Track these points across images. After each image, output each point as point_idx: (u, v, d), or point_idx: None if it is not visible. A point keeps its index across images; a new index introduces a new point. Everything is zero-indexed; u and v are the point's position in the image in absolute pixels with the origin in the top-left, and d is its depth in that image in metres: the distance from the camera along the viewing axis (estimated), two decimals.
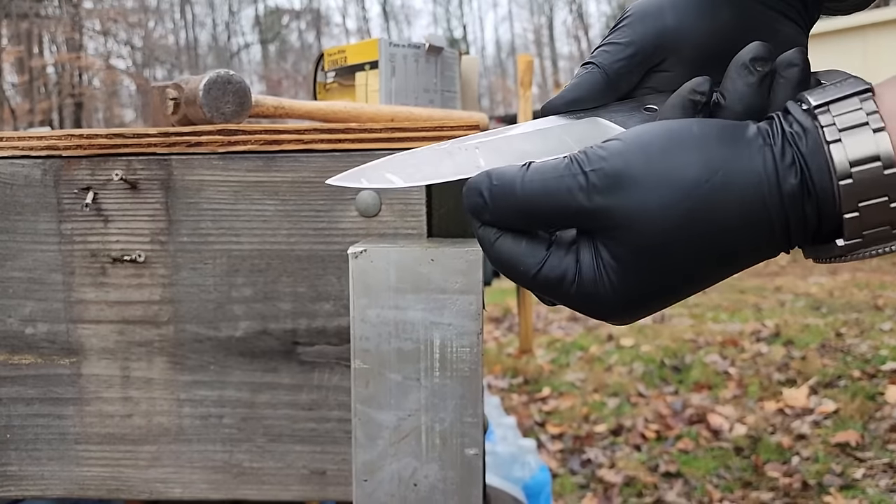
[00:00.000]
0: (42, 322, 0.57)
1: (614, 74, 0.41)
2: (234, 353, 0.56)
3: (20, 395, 0.58)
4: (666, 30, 0.41)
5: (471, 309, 0.47)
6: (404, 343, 0.47)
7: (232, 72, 0.59)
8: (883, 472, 2.04)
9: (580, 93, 0.41)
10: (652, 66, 0.42)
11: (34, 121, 18.03)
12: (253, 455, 0.57)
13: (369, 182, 0.38)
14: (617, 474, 2.12)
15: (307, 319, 0.56)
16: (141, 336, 0.57)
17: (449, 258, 0.46)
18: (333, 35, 28.65)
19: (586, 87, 0.41)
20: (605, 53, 0.42)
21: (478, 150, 0.37)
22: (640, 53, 0.41)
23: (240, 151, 0.55)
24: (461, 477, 0.48)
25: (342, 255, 0.55)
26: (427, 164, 0.37)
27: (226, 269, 0.56)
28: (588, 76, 0.41)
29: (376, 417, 0.48)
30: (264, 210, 0.55)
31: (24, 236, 0.56)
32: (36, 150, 0.56)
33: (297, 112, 0.66)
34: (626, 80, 0.42)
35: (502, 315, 4.25)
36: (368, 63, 0.82)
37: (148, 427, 0.57)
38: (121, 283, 0.56)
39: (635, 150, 0.32)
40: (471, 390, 0.47)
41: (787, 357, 3.06)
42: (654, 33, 0.41)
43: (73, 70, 20.30)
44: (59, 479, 0.58)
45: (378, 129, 0.54)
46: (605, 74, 0.41)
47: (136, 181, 0.55)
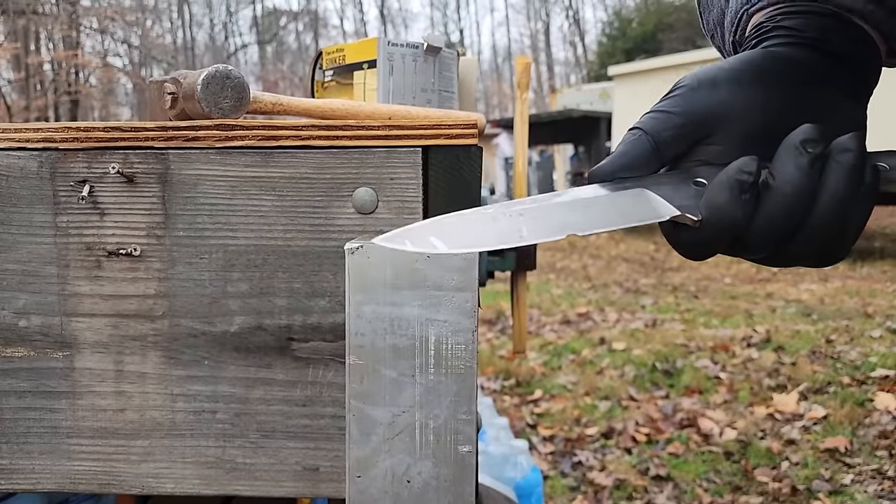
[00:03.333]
0: (36, 315, 0.57)
1: (662, 143, 0.41)
2: (229, 349, 0.56)
3: (12, 388, 0.57)
4: (719, 103, 0.41)
5: (466, 306, 0.47)
6: (399, 339, 0.47)
7: (230, 67, 0.59)
8: (871, 477, 2.05)
9: (627, 160, 0.41)
10: (700, 138, 0.41)
11: (30, 118, 17.95)
12: (246, 451, 0.57)
13: (413, 245, 0.37)
14: (607, 477, 2.13)
15: (302, 315, 0.56)
16: (135, 330, 0.57)
17: (445, 255, 0.46)
18: (331, 37, 28.61)
19: (633, 155, 0.41)
20: (654, 120, 0.41)
21: (522, 218, 0.36)
22: (690, 124, 0.41)
23: (237, 147, 0.55)
24: (454, 474, 0.48)
25: (338, 252, 0.55)
26: (472, 230, 0.36)
27: (222, 264, 0.56)
28: (636, 143, 0.41)
29: (370, 413, 0.48)
30: (261, 205, 0.55)
31: (19, 228, 0.56)
32: (32, 142, 0.55)
33: (295, 109, 0.66)
34: (674, 150, 0.41)
35: (495, 317, 4.26)
36: (367, 62, 0.82)
37: (141, 422, 0.57)
38: (116, 276, 0.56)
39: None
40: (465, 387, 0.47)
41: (777, 363, 3.07)
42: (705, 105, 0.41)
43: (69, 67, 20.23)
44: (50, 473, 0.58)
45: (376, 127, 0.54)
46: (653, 142, 0.41)
47: (133, 175, 0.55)
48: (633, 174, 0.41)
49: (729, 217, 0.37)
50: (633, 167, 0.41)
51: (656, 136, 0.41)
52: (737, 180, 0.36)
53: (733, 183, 0.36)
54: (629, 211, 0.39)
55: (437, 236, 0.37)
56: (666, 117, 0.41)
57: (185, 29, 26.84)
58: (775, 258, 0.40)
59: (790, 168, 0.36)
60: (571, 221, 0.38)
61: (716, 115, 0.41)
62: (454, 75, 0.87)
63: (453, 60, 0.87)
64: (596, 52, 30.11)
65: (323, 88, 0.88)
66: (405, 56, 0.82)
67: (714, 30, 0.53)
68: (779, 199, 0.36)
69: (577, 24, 32.24)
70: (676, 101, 0.41)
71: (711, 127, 0.41)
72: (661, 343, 3.42)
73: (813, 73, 0.41)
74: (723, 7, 0.50)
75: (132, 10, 22.47)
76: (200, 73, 0.58)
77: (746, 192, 0.36)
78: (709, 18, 0.53)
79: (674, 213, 0.39)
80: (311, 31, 29.48)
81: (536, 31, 32.64)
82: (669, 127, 0.41)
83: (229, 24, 28.88)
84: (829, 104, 0.41)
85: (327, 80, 0.88)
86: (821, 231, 0.37)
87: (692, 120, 0.41)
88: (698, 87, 0.41)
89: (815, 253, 0.39)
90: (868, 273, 5.24)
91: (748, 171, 0.36)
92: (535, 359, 3.35)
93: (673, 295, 4.72)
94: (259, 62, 29.29)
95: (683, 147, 0.41)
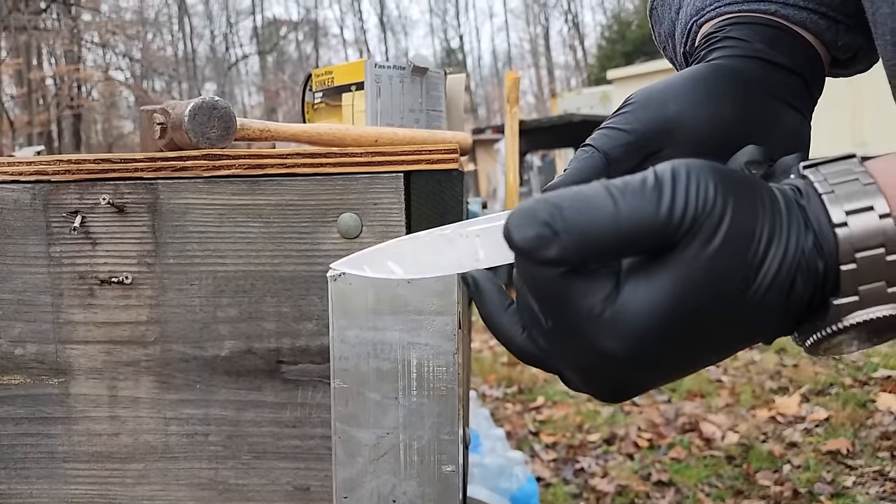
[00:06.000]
0: (31, 343, 0.58)
1: (613, 160, 0.42)
2: (220, 372, 0.58)
3: (9, 415, 0.59)
4: (667, 119, 0.42)
5: (447, 329, 0.48)
6: (382, 363, 0.49)
7: (217, 98, 0.60)
8: (873, 479, 2.05)
9: (579, 177, 0.42)
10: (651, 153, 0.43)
11: (33, 133, 18.04)
12: (238, 472, 0.58)
13: (371, 270, 0.38)
14: (609, 483, 2.13)
15: (290, 339, 0.57)
16: (128, 356, 0.58)
17: (425, 280, 0.48)
18: (331, 46, 28.72)
19: (586, 171, 0.42)
20: (605, 137, 0.43)
21: (478, 239, 0.37)
22: (640, 140, 0.42)
23: (225, 175, 0.56)
24: (439, 493, 0.49)
25: (325, 276, 0.56)
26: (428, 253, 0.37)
27: (211, 290, 0.57)
28: (588, 160, 0.42)
29: (356, 435, 0.49)
30: (249, 232, 0.57)
31: (13, 259, 0.58)
32: (25, 174, 0.57)
33: (282, 135, 0.68)
34: (625, 165, 0.42)
35: None
36: (355, 84, 0.84)
37: (135, 445, 0.58)
38: (108, 304, 0.58)
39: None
40: (447, 408, 0.49)
41: (779, 365, 3.07)
42: (654, 121, 0.42)
43: (71, 82, 20.34)
44: (47, 497, 0.59)
45: (359, 154, 0.56)
46: (605, 159, 0.42)
47: (124, 205, 0.57)
48: None
49: None
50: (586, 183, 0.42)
51: (608, 152, 0.42)
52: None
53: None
54: None
55: (394, 261, 0.38)
56: (616, 134, 0.42)
57: (185, 41, 26.98)
58: None
59: None
60: None
61: (665, 129, 0.42)
62: (441, 94, 0.89)
63: (440, 79, 0.89)
64: (595, 55, 30.18)
65: (313, 110, 0.90)
66: (392, 77, 0.84)
67: (665, 42, 0.54)
68: None
69: (576, 28, 32.31)
70: (626, 118, 0.43)
71: (661, 141, 0.42)
72: None
73: (759, 85, 0.43)
74: (673, 19, 0.52)
75: (133, 24, 22.61)
76: (188, 104, 0.59)
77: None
78: (660, 31, 0.54)
79: None
80: (312, 40, 29.61)
81: (536, 35, 32.73)
82: (620, 144, 0.42)
83: (230, 35, 29.02)
84: (774, 115, 0.43)
85: (317, 101, 0.89)
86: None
87: (642, 136, 0.42)
88: (647, 103, 0.43)
89: None
90: None
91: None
92: None
93: None
94: (260, 72, 29.41)
95: (634, 162, 0.43)
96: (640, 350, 0.29)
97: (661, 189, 0.28)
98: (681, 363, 0.31)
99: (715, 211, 0.28)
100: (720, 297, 0.29)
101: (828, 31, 0.45)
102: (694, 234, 0.28)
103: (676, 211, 0.28)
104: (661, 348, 0.30)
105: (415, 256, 0.37)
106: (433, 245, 0.37)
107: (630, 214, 0.28)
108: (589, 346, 0.30)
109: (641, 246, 0.29)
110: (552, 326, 0.32)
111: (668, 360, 0.30)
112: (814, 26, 0.44)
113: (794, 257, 0.29)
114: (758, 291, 0.29)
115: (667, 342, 0.29)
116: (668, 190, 0.28)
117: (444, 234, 0.38)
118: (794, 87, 0.44)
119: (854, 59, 0.47)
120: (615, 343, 0.29)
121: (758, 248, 0.28)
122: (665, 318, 0.29)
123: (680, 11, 0.50)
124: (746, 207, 0.29)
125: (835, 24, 0.44)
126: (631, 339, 0.29)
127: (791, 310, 0.30)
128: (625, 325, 0.29)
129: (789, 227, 0.29)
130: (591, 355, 0.30)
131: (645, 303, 0.29)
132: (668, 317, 0.29)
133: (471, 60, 33.34)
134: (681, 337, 0.29)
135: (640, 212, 0.28)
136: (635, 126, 0.42)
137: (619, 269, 0.30)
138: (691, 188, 0.28)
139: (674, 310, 0.29)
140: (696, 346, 0.30)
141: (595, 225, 0.28)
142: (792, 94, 0.43)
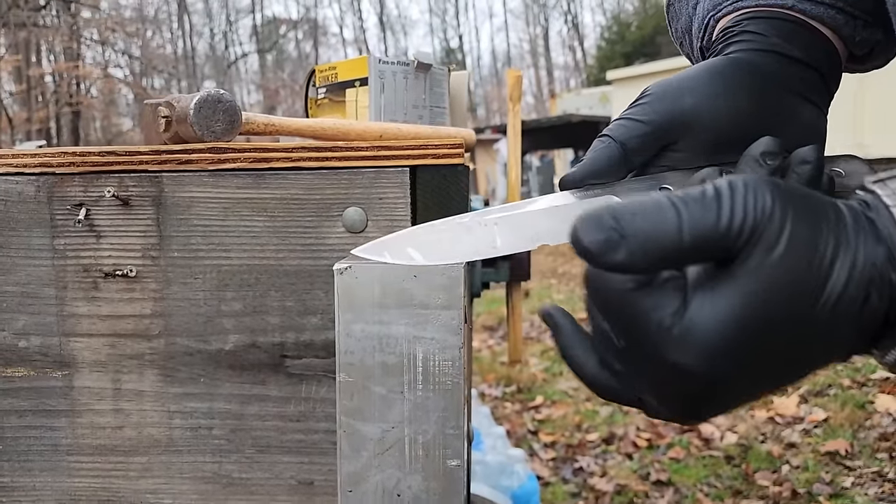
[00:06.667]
0: (35, 335, 0.58)
1: (630, 150, 0.42)
2: (224, 366, 0.57)
3: (13, 408, 0.59)
4: (683, 111, 0.42)
5: (453, 324, 0.48)
6: (388, 357, 0.48)
7: (222, 91, 0.60)
8: (872, 480, 2.05)
9: (596, 167, 0.42)
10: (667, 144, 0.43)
11: (31, 130, 18.02)
12: (242, 466, 0.58)
13: (392, 257, 0.39)
14: (608, 482, 2.13)
15: (295, 333, 0.57)
16: (132, 349, 0.58)
17: (431, 274, 0.47)
18: (331, 45, 28.71)
19: (602, 162, 0.42)
20: (622, 128, 0.43)
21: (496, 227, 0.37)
22: (657, 132, 0.42)
23: (230, 169, 0.56)
24: (444, 488, 0.49)
25: (329, 271, 0.56)
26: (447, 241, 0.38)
27: (216, 284, 0.57)
28: (605, 150, 0.42)
29: (361, 429, 0.49)
30: (253, 226, 0.57)
31: (17, 251, 0.58)
32: (29, 167, 0.57)
33: (287, 129, 0.68)
34: (641, 156, 0.43)
35: (496, 323, 4.26)
36: (358, 80, 0.84)
37: (139, 438, 0.58)
38: (112, 297, 0.58)
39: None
40: (453, 403, 0.49)
41: None
42: (671, 113, 0.42)
43: (70, 79, 20.32)
44: (50, 490, 0.59)
45: (364, 148, 0.56)
46: (621, 149, 0.42)
47: (128, 198, 0.57)
48: (602, 181, 0.42)
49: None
50: (602, 174, 0.42)
51: (625, 143, 0.42)
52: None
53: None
54: None
55: (414, 248, 0.38)
56: (633, 125, 0.43)
57: (185, 39, 26.96)
58: None
59: None
60: (543, 231, 0.39)
61: (681, 122, 0.42)
62: (445, 91, 0.89)
63: (444, 76, 0.89)
64: (595, 56, 30.19)
65: (316, 106, 0.90)
66: (396, 73, 0.84)
67: (682, 37, 0.54)
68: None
69: (576, 29, 32.33)
70: (644, 109, 0.43)
71: (677, 133, 0.42)
72: None
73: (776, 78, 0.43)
74: (690, 14, 0.52)
75: (132, 21, 22.59)
76: (193, 97, 0.59)
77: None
78: (677, 27, 0.54)
79: None
80: (311, 39, 29.61)
81: (535, 35, 32.74)
82: (637, 134, 0.42)
83: (229, 33, 29.00)
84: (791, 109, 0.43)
85: (320, 97, 0.89)
86: None
87: (659, 127, 0.42)
88: (664, 95, 0.43)
89: None
90: None
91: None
92: (537, 365, 3.36)
93: None
94: (259, 71, 29.39)
95: (651, 153, 0.43)
96: (712, 364, 0.29)
97: (719, 199, 0.29)
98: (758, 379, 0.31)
99: (774, 219, 0.28)
100: (789, 307, 0.28)
101: (845, 26, 0.45)
102: (755, 242, 0.28)
103: (736, 219, 0.28)
104: (735, 362, 0.29)
105: (434, 244, 0.38)
106: (452, 233, 0.38)
107: (692, 222, 0.28)
108: (662, 360, 0.30)
109: (705, 254, 0.29)
110: (625, 345, 0.32)
111: (743, 376, 0.30)
112: (831, 21, 0.44)
113: (864, 268, 0.28)
114: (828, 302, 0.28)
115: (739, 355, 0.29)
116: (726, 200, 0.28)
117: (463, 222, 0.38)
118: (811, 81, 0.44)
119: (871, 55, 0.47)
120: (687, 357, 0.29)
121: (823, 256, 0.28)
122: (734, 329, 0.29)
123: (697, 7, 0.50)
124: (807, 217, 0.29)
125: (853, 20, 0.45)
126: (702, 352, 0.29)
127: (866, 324, 0.29)
128: (695, 340, 0.29)
129: (857, 239, 0.29)
130: (665, 371, 0.30)
131: (712, 316, 0.29)
132: (737, 328, 0.29)
133: (470, 60, 33.36)
134: (753, 350, 0.29)
135: (701, 220, 0.28)
136: (652, 117, 0.42)
137: (686, 284, 0.30)
138: (749, 198, 0.28)
139: (742, 321, 0.29)
140: (771, 361, 0.30)
141: (659, 230, 0.29)
142: (808, 89, 0.43)
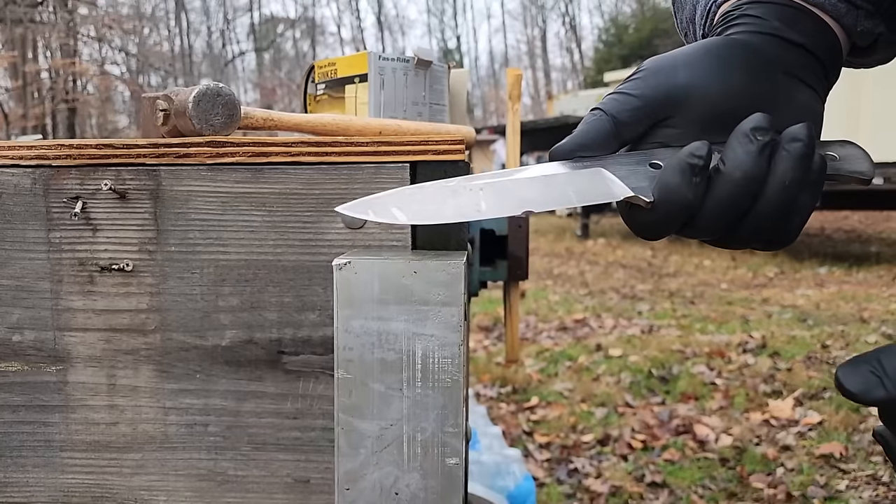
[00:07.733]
0: (29, 329, 0.57)
1: (621, 124, 0.42)
2: (220, 362, 0.57)
3: (6, 402, 0.58)
4: (676, 87, 0.42)
5: (452, 321, 0.48)
6: (387, 353, 0.48)
7: (221, 84, 0.60)
8: (866, 483, 2.06)
9: (587, 139, 0.42)
10: (659, 121, 0.43)
11: (27, 126, 17.95)
12: (238, 463, 0.57)
13: (375, 215, 0.38)
14: (603, 484, 2.13)
15: (293, 329, 0.56)
16: (127, 344, 0.57)
17: (431, 270, 0.47)
18: (328, 44, 28.69)
19: (593, 133, 0.42)
20: (614, 102, 0.42)
21: (482, 192, 0.37)
22: (649, 107, 0.42)
23: (228, 163, 0.56)
24: (442, 486, 0.48)
25: (328, 266, 0.56)
26: (431, 202, 0.37)
27: (213, 279, 0.56)
28: (596, 122, 0.42)
29: (359, 427, 0.48)
30: (252, 221, 0.56)
31: (12, 244, 0.57)
32: (26, 159, 0.56)
33: (286, 124, 0.67)
34: (633, 131, 0.42)
35: (492, 324, 4.26)
36: (358, 76, 0.83)
37: (133, 435, 0.58)
38: (108, 291, 0.57)
39: None
40: (452, 401, 0.48)
41: (773, 368, 3.08)
42: (664, 89, 0.42)
43: (67, 76, 20.26)
44: (43, 486, 0.58)
45: (365, 143, 0.55)
46: (613, 123, 0.42)
47: (125, 191, 0.56)
48: (592, 153, 0.42)
49: (680, 199, 0.38)
50: (593, 146, 0.42)
51: (616, 115, 0.42)
52: (688, 164, 0.37)
53: (685, 166, 0.37)
54: (585, 190, 0.40)
55: (398, 207, 0.38)
56: (625, 98, 0.42)
57: (182, 37, 26.90)
58: (726, 240, 0.41)
59: (740, 154, 0.37)
60: (529, 198, 0.39)
61: (674, 98, 0.42)
62: (445, 88, 0.88)
63: (444, 73, 0.88)
64: (592, 58, 30.23)
65: (315, 102, 0.89)
66: (396, 70, 0.83)
67: (686, 27, 0.54)
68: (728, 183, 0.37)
69: (573, 31, 32.36)
70: (637, 84, 0.43)
71: (670, 109, 0.42)
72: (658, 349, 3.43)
73: (773, 60, 0.43)
74: (694, 3, 0.52)
75: (129, 19, 22.52)
76: (192, 90, 0.59)
77: (697, 175, 0.37)
78: (681, 17, 0.54)
79: (627, 195, 0.40)
80: (309, 38, 29.57)
81: (533, 37, 32.76)
82: (629, 108, 0.42)
83: (227, 31, 28.94)
84: (786, 92, 0.43)
85: (319, 93, 0.89)
86: (767, 216, 0.38)
87: (651, 102, 0.42)
88: (657, 70, 0.43)
89: (762, 237, 0.40)
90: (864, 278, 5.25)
91: (699, 154, 0.37)
92: (532, 366, 3.36)
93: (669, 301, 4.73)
94: (256, 69, 29.34)
95: (642, 128, 0.43)
96: None
97: None
98: None
99: None
100: None
101: (847, 14, 0.44)
102: None
103: None
104: None
105: (419, 204, 0.38)
106: (437, 194, 0.38)
107: None
108: None
109: None
110: None
111: None
112: (833, 9, 0.44)
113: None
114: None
115: None
116: None
117: (449, 185, 0.38)
118: (810, 66, 0.43)
119: (874, 47, 0.47)
120: None
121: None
122: None
123: None
124: None
125: (855, 9, 0.44)
126: None
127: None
128: None
129: None
130: None
131: None
132: None
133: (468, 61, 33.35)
134: None
135: None
136: (644, 92, 0.42)
137: None
138: None
139: None
140: None
141: None
142: (806, 73, 0.43)
